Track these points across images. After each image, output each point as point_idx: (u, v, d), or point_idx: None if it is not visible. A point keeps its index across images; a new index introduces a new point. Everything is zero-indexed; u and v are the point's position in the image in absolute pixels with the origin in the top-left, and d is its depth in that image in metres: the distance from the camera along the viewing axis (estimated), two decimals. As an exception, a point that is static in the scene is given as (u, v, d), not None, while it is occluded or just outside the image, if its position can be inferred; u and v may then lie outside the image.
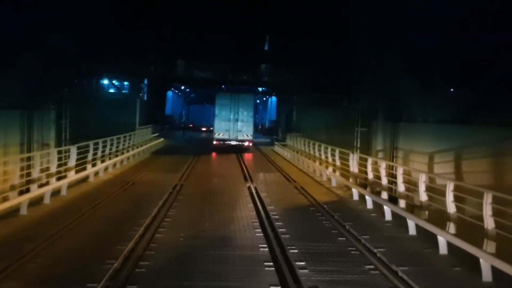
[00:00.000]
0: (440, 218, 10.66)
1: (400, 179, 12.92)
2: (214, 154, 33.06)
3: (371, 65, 20.79)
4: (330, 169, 19.94)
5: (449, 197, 9.73)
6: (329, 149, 20.69)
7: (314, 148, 23.77)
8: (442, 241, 9.58)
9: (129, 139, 26.25)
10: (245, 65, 56.99)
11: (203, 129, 64.13)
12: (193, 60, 56.32)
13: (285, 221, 11.90)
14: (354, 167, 17.29)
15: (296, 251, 9.40)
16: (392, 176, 14.42)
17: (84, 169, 17.63)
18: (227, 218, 12.16)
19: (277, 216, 12.45)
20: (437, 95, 16.41)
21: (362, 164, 17.51)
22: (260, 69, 60.72)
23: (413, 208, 14.02)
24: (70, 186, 15.91)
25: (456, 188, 9.79)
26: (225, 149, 34.50)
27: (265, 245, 9.74)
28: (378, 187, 14.97)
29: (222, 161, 27.88)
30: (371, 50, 20.75)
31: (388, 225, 12.08)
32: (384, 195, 14.02)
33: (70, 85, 39.93)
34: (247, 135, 34.12)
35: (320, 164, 22.29)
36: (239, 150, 33.73)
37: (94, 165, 19.31)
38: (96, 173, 19.04)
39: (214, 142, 34.67)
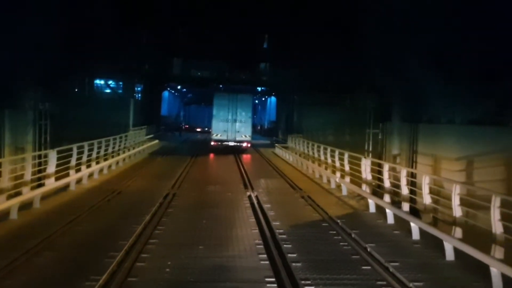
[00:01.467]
0: (481, 238, 8.78)
1: (426, 190, 10.97)
2: (211, 156, 31.14)
3: (385, 59, 18.80)
4: (338, 174, 18.03)
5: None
6: (337, 152, 18.78)
7: (319, 151, 21.89)
8: (495, 273, 7.63)
9: (120, 142, 24.27)
10: (243, 64, 55.00)
11: (198, 129, 62.77)
12: (190, 59, 54.24)
13: (295, 243, 9.93)
14: (367, 174, 15.41)
15: None
16: (412, 185, 12.55)
17: (65, 176, 15.67)
18: (225, 239, 10.18)
19: (284, 236, 10.48)
20: (465, 92, 14.46)
21: (374, 170, 15.67)
22: (259, 68, 58.72)
23: (438, 222, 12.19)
24: (47, 196, 13.97)
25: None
26: (223, 150, 33.06)
27: (273, 279, 7.76)
28: (396, 196, 13.12)
29: (219, 165, 25.90)
30: (385, 42, 18.77)
31: (417, 246, 10.11)
32: (406, 207, 12.15)
33: (55, 84, 38.32)
34: (246, 136, 33.28)
35: (326, 168, 20.40)
36: (237, 152, 32.16)
37: (78, 170, 17.42)
38: (79, 180, 17.07)
39: (212, 143, 33.77)
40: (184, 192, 16.21)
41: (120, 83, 46.46)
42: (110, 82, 46.63)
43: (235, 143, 33.07)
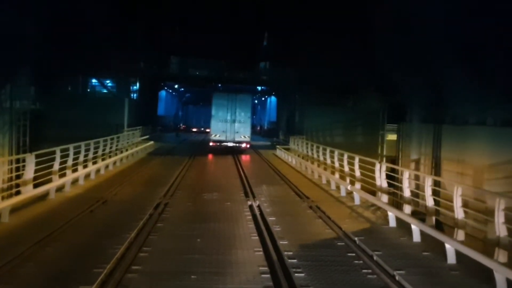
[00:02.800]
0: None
1: (458, 202, 9.26)
2: (208, 159, 29.42)
3: (401, 54, 16.99)
4: (348, 180, 16.31)
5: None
6: (345, 156, 17.07)
7: (325, 153, 20.17)
8: None
9: (111, 143, 22.51)
10: (243, 63, 53.19)
11: (194, 129, 61.47)
12: (188, 57, 52.46)
13: (308, 270, 8.17)
14: (382, 181, 13.69)
15: None
16: (434, 194, 10.83)
17: (44, 182, 13.93)
18: (223, 265, 8.42)
19: (294, 260, 8.72)
20: (498, 90, 12.68)
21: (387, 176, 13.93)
22: (259, 67, 56.94)
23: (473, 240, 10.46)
24: (21, 207, 12.22)
25: None
26: (221, 152, 31.63)
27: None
28: (413, 206, 11.42)
29: (217, 169, 24.13)
30: (402, 37, 16.95)
31: (455, 274, 8.37)
32: (431, 221, 10.46)
33: (45, 82, 36.59)
34: (245, 137, 32.56)
35: (333, 173, 18.68)
36: (236, 153, 30.57)
37: (63, 175, 15.69)
38: (61, 188, 15.32)
39: (211, 144, 33.07)
40: (177, 202, 14.44)
41: (115, 83, 44.71)
42: (105, 81, 44.91)
43: (234, 144, 32.42)
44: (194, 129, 62.60)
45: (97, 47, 36.84)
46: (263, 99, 77.95)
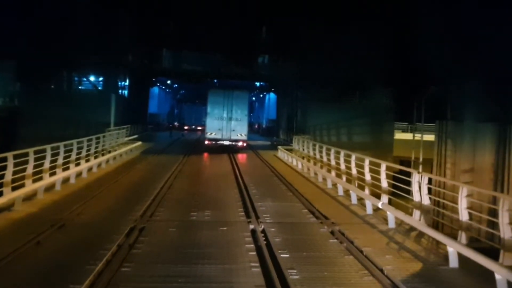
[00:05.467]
0: None
1: None
2: (202, 164, 26.02)
3: (444, 33, 13.56)
4: (384, 198, 13.03)
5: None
6: (367, 161, 13.77)
7: (338, 157, 16.90)
8: None
9: (89, 145, 19.11)
10: (240, 57, 49.62)
11: (186, 127, 58.79)
12: (181, 50, 48.86)
13: None
14: (423, 196, 10.46)
15: None
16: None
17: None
18: None
19: None
20: None
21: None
22: (257, 62, 53.40)
23: None
24: None
25: None
26: (217, 154, 28.97)
27: None
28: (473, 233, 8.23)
29: (212, 176, 20.59)
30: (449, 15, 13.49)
31: None
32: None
33: (25, 77, 33.41)
34: (241, 135, 31.30)
35: (349, 181, 15.43)
36: (234, 157, 27.32)
37: (14, 188, 12.34)
38: (10, 206, 11.93)
39: (206, 142, 31.73)
40: (157, 226, 11.02)
41: (101, 77, 41.20)
42: (90, 77, 41.44)
43: (230, 142, 31.19)
44: (186, 127, 59.75)
45: (79, 38, 33.61)
46: (261, 96, 74.50)
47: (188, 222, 11.49)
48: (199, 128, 55.81)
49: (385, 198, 12.57)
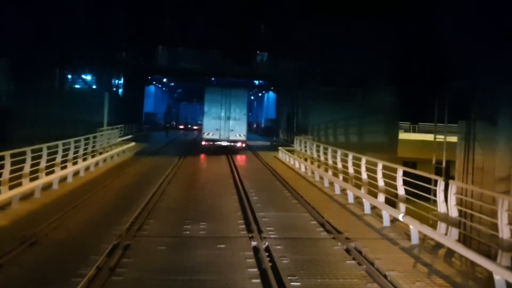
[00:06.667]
0: None
1: None
2: (198, 167, 24.49)
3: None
4: (402, 208, 11.60)
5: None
6: (380, 166, 12.34)
7: (345, 160, 15.49)
8: None
9: (76, 147, 17.61)
10: (238, 54, 48.00)
11: (181, 127, 57.59)
12: (177, 47, 47.23)
13: None
14: (451, 208, 9.13)
15: None
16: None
17: None
18: None
19: None
20: None
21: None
22: (256, 59, 51.77)
23: None
24: None
25: None
26: (215, 155, 27.65)
27: None
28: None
29: (208, 181, 18.99)
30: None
31: None
32: None
33: (15, 75, 32.14)
34: (240, 135, 29.81)
35: (358, 186, 14.01)
36: (233, 159, 25.92)
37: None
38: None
39: (203, 143, 29.88)
40: (143, 242, 9.51)
41: (94, 75, 39.61)
42: (83, 75, 39.85)
43: (229, 143, 29.63)
44: (181, 126, 58.46)
45: (71, 34, 32.16)
46: (260, 94, 72.95)
47: (181, 238, 9.96)
48: (195, 127, 54.37)
49: (402, 208, 11.17)
